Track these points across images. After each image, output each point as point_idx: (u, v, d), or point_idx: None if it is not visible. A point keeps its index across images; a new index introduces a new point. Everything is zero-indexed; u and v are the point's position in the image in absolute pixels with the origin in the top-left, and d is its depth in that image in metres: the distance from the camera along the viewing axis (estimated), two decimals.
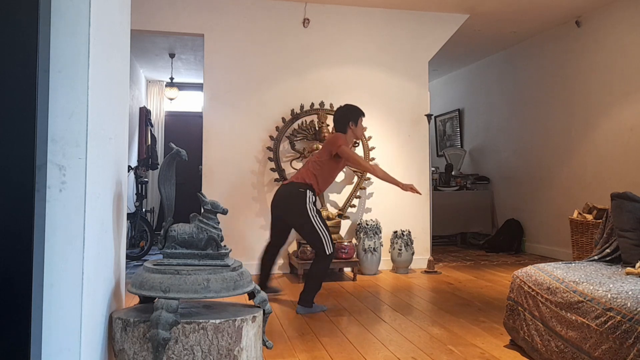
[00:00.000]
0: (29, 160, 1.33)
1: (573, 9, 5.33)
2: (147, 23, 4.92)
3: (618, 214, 2.81)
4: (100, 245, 1.70)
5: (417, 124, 5.43)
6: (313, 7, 5.24)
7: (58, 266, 1.45)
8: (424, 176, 5.44)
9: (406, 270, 5.07)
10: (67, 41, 1.49)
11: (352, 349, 2.78)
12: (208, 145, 5.00)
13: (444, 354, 2.69)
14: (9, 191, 1.31)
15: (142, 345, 1.70)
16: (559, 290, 2.39)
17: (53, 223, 1.45)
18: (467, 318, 3.38)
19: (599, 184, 5.17)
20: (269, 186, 5.09)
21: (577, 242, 4.50)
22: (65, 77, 1.48)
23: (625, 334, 1.96)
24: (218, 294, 1.76)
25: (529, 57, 6.34)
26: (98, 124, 1.63)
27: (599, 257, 2.87)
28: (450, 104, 8.19)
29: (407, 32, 5.47)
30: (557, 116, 5.83)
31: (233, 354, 1.73)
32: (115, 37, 1.89)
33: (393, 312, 3.57)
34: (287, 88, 5.19)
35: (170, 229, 1.87)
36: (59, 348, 1.45)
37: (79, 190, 1.49)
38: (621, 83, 4.99)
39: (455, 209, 6.82)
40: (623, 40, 4.98)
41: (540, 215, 6.09)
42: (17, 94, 1.32)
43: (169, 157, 1.95)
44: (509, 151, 6.73)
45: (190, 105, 8.58)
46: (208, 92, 5.07)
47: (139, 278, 1.80)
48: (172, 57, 6.98)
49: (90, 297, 1.57)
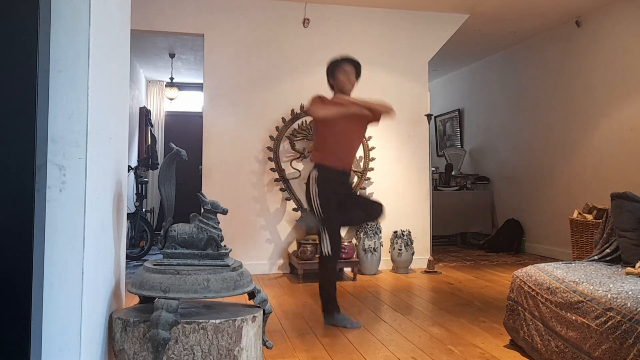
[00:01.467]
0: (29, 160, 1.33)
1: (573, 9, 5.33)
2: (147, 23, 4.92)
3: (618, 214, 2.81)
4: (100, 245, 1.70)
5: (417, 124, 5.43)
6: (313, 7, 5.23)
7: (58, 266, 1.45)
8: (424, 176, 5.44)
9: (406, 270, 5.07)
10: (67, 41, 1.49)
11: (352, 349, 2.78)
12: (208, 145, 5.00)
13: (444, 354, 2.69)
14: (9, 191, 1.31)
15: (142, 345, 1.70)
16: (559, 290, 2.39)
17: (53, 223, 1.45)
18: (467, 318, 3.38)
19: (599, 184, 5.17)
20: (269, 186, 5.09)
21: (577, 242, 4.50)
22: (65, 77, 1.48)
23: (625, 334, 1.96)
24: (218, 294, 1.76)
25: (529, 57, 6.34)
26: (98, 124, 1.63)
27: (599, 257, 2.87)
28: (450, 104, 8.19)
29: (407, 32, 5.47)
30: (557, 116, 5.83)
31: (233, 354, 1.73)
32: (115, 37, 1.89)
33: (393, 312, 3.57)
34: (287, 88, 5.18)
35: (170, 229, 1.87)
36: (59, 348, 1.45)
37: (79, 190, 1.49)
38: (621, 83, 4.99)
39: (455, 209, 6.82)
40: (623, 41, 4.98)
41: (540, 215, 6.09)
42: (17, 93, 1.32)
43: (169, 157, 1.95)
44: (509, 151, 6.73)
45: (190, 105, 8.58)
46: (208, 92, 5.06)
47: (139, 278, 1.80)
48: (172, 57, 6.98)
49: (90, 297, 1.57)
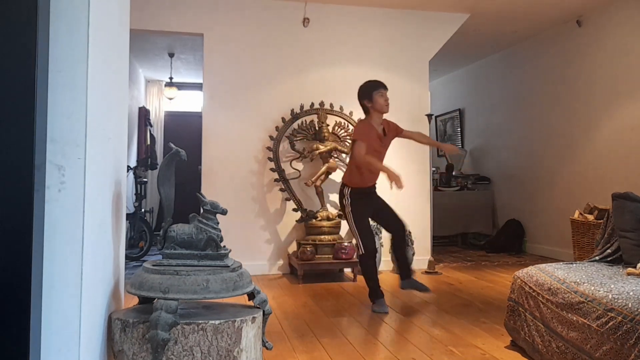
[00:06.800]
0: (28, 160, 1.32)
1: (574, 9, 5.32)
2: (146, 22, 4.91)
3: (619, 214, 2.81)
4: (100, 246, 1.70)
5: (417, 124, 5.40)
6: (313, 7, 5.23)
7: (57, 266, 1.45)
8: (425, 176, 5.43)
9: None
10: (67, 41, 1.48)
11: (352, 350, 2.77)
12: (207, 145, 4.99)
13: (444, 355, 2.68)
14: (8, 191, 1.31)
15: (141, 346, 1.70)
16: (560, 291, 2.38)
17: (52, 223, 1.44)
18: (468, 319, 3.38)
19: (600, 184, 5.16)
20: (268, 186, 5.08)
21: (578, 242, 4.50)
22: (64, 77, 1.48)
23: (627, 335, 1.96)
24: (217, 294, 1.75)
25: (529, 57, 6.33)
26: (97, 124, 1.62)
27: (600, 258, 2.87)
28: (450, 104, 8.19)
29: (407, 32, 5.46)
30: (558, 116, 5.83)
31: (233, 355, 1.73)
32: (114, 37, 1.89)
33: (393, 313, 3.56)
34: (287, 88, 5.18)
35: (170, 229, 1.86)
36: (58, 348, 1.44)
37: (78, 190, 1.49)
38: (622, 83, 4.99)
39: (455, 209, 6.81)
40: (624, 40, 4.97)
41: (541, 215, 6.09)
42: (16, 93, 1.32)
43: (168, 157, 1.94)
44: (509, 151, 6.72)
45: (190, 105, 8.57)
46: (207, 91, 5.06)
47: (138, 278, 1.79)
48: (172, 56, 6.97)
49: (90, 297, 1.56)
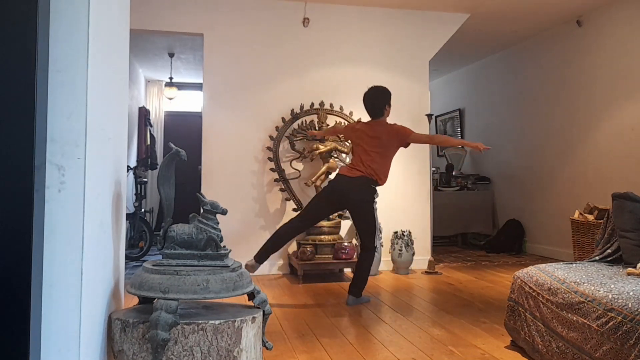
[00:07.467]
0: (28, 160, 1.32)
1: (574, 9, 5.32)
2: (146, 22, 4.91)
3: (619, 214, 2.81)
4: (100, 246, 1.70)
5: (417, 124, 5.40)
6: (313, 7, 5.23)
7: (57, 266, 1.45)
8: (425, 176, 5.43)
9: (407, 270, 5.06)
10: (67, 41, 1.48)
11: (352, 350, 2.77)
12: (207, 145, 4.99)
13: (444, 355, 2.68)
14: (8, 191, 1.31)
15: (141, 346, 1.70)
16: (560, 291, 2.38)
17: (52, 223, 1.44)
18: (468, 319, 3.38)
19: (600, 184, 5.16)
20: (268, 186, 5.08)
21: (578, 242, 4.50)
22: (64, 76, 1.48)
23: (627, 335, 1.96)
24: (217, 294, 1.76)
25: (530, 57, 6.33)
26: (97, 124, 1.62)
27: (600, 258, 2.87)
28: (450, 104, 8.18)
29: (407, 31, 5.46)
30: (558, 116, 5.83)
31: (233, 355, 1.73)
32: (114, 37, 1.89)
33: (393, 313, 3.56)
34: (287, 88, 5.18)
35: (170, 229, 1.86)
36: (58, 348, 1.45)
37: (78, 190, 1.49)
38: (622, 83, 4.98)
39: (455, 209, 6.81)
40: (624, 40, 4.97)
41: (541, 215, 6.09)
42: (16, 93, 1.32)
43: (168, 157, 1.94)
44: (509, 151, 6.72)
45: (190, 105, 8.57)
46: (207, 91, 5.06)
47: (138, 278, 1.79)
48: (172, 56, 6.97)
49: (90, 297, 1.56)
